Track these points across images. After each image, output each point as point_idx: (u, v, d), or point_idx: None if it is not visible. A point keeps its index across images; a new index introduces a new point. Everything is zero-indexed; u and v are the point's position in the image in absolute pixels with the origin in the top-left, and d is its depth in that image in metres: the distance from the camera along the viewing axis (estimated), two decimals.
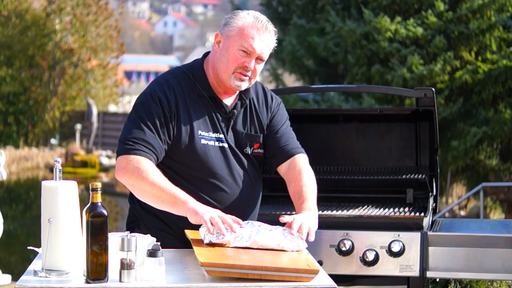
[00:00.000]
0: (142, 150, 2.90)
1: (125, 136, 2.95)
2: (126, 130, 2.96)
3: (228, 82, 3.02)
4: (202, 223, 2.76)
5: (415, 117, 4.17)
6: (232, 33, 2.99)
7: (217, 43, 3.04)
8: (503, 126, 11.97)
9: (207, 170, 3.01)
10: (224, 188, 3.04)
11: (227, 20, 3.03)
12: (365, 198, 4.14)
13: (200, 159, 3.00)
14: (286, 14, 15.21)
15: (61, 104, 26.73)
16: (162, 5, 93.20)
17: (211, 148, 3.02)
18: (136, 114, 2.99)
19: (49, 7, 26.82)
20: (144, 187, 2.88)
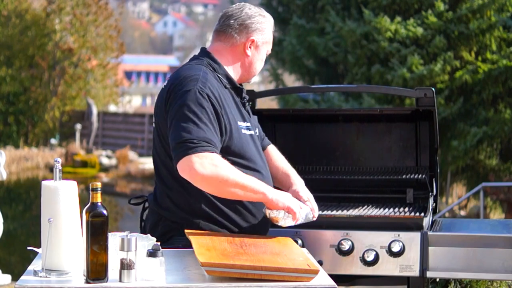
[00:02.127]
0: (207, 147, 2.86)
1: (185, 136, 2.87)
2: (184, 130, 2.88)
3: (249, 77, 3.23)
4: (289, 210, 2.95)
5: (415, 117, 4.17)
6: (266, 39, 3.18)
7: (250, 47, 3.15)
8: (503, 126, 11.97)
9: (249, 158, 3.07)
10: (263, 174, 3.11)
11: (260, 24, 3.16)
12: (365, 198, 4.14)
13: (244, 148, 3.06)
14: (286, 14, 15.20)
15: (61, 104, 26.74)
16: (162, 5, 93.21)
17: (247, 137, 3.10)
18: (190, 112, 2.91)
19: (49, 7, 26.83)
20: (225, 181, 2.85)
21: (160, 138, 3.07)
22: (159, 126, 3.07)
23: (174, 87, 3.00)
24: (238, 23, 3.13)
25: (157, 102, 3.11)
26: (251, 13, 3.15)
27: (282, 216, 2.97)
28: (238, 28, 3.13)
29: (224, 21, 3.16)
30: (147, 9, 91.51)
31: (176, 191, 3.05)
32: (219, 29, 3.17)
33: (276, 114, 4.44)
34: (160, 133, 3.07)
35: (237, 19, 3.13)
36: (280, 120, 4.39)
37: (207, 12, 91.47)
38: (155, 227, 3.13)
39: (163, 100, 3.04)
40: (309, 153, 4.32)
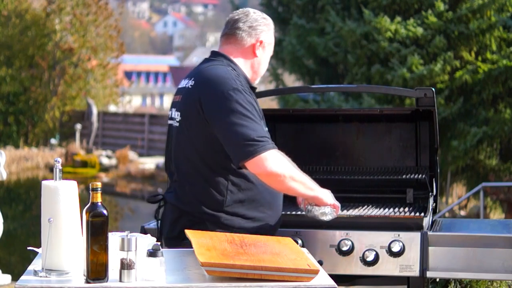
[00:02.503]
0: (270, 144, 3.06)
1: (249, 134, 3.02)
2: (246, 129, 3.02)
3: (257, 78, 3.39)
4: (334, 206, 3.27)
5: (415, 117, 4.17)
6: (271, 40, 3.36)
7: (258, 48, 3.31)
8: (503, 126, 11.97)
9: None
10: None
11: (267, 26, 3.34)
12: (365, 198, 4.13)
13: None
14: (286, 14, 15.20)
15: (61, 104, 26.75)
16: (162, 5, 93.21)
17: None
18: (243, 110, 3.05)
19: (49, 7, 26.83)
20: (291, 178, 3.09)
21: (188, 136, 3.16)
22: (189, 125, 3.15)
23: (213, 88, 3.11)
24: (247, 25, 3.29)
25: (186, 102, 3.19)
26: (256, 17, 3.32)
27: (328, 211, 3.27)
28: (247, 31, 3.29)
29: (233, 25, 3.31)
30: (147, 9, 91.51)
31: (200, 187, 3.15)
32: (229, 33, 3.32)
33: (276, 114, 4.43)
34: (189, 131, 3.15)
35: (245, 22, 3.29)
36: (280, 120, 4.39)
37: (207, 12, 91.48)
38: (175, 223, 3.22)
39: (196, 100, 3.13)
40: (309, 153, 4.32)
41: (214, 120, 3.08)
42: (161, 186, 20.09)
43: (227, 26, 3.33)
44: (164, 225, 3.32)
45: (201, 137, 3.14)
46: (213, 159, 3.14)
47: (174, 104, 3.31)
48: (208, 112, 3.09)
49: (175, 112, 3.26)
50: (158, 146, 25.23)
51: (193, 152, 3.16)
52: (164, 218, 3.34)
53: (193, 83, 3.20)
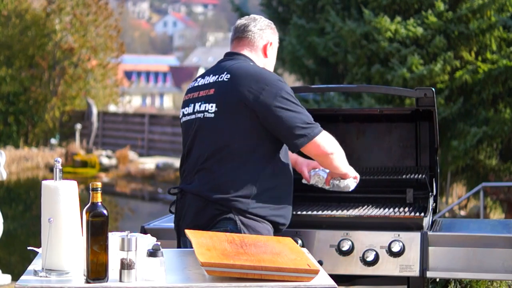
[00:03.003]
0: (319, 126, 3.36)
1: (306, 120, 3.29)
2: (303, 116, 3.29)
3: None
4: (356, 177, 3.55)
5: (415, 117, 4.17)
6: (277, 42, 3.60)
7: (270, 48, 3.52)
8: (503, 126, 11.97)
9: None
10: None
11: (274, 29, 3.56)
12: (365, 198, 4.13)
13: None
14: (286, 14, 15.20)
15: (61, 104, 26.75)
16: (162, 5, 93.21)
17: None
18: (293, 100, 3.30)
19: (49, 7, 26.83)
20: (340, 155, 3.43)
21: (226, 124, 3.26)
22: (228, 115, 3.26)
23: (259, 80, 3.26)
24: (257, 28, 3.49)
25: (224, 93, 3.29)
26: (263, 21, 3.54)
27: (352, 183, 3.56)
28: (258, 33, 3.48)
29: (244, 29, 3.48)
30: (147, 9, 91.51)
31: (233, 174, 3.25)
32: (241, 36, 3.48)
33: None
34: (227, 120, 3.26)
35: (255, 25, 3.49)
36: None
37: (207, 12, 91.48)
38: (201, 213, 3.26)
39: (239, 92, 3.25)
40: None
41: (267, 109, 3.23)
42: (161, 186, 20.08)
43: (237, 31, 3.48)
44: (186, 216, 3.33)
45: (242, 125, 3.26)
46: (250, 147, 3.26)
47: (204, 98, 3.37)
48: (258, 103, 3.23)
49: (206, 104, 3.33)
50: (158, 146, 25.24)
51: (230, 140, 3.26)
52: (183, 209, 3.35)
53: (228, 76, 3.30)
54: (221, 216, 3.22)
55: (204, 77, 3.45)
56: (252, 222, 3.24)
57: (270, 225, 3.31)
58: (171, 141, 24.83)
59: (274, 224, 3.32)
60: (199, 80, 3.47)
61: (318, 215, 3.75)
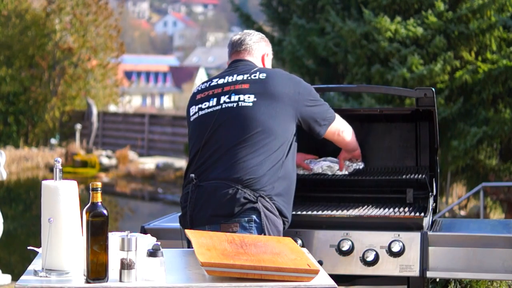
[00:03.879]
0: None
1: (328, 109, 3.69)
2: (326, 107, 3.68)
3: None
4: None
5: (415, 117, 4.17)
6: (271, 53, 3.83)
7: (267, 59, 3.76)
8: (503, 126, 11.96)
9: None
10: None
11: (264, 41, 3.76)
12: (365, 198, 4.13)
13: None
14: (286, 14, 15.20)
15: (61, 104, 26.74)
16: (162, 5, 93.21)
17: None
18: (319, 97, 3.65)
19: (49, 7, 26.82)
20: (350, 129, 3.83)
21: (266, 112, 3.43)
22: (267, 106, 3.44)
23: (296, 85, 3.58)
24: (253, 41, 3.71)
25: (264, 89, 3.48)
26: (256, 34, 3.76)
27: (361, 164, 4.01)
28: (254, 45, 3.70)
29: (241, 42, 3.69)
30: (147, 9, 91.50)
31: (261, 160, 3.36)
32: (239, 49, 3.69)
33: None
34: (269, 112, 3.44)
35: (251, 38, 3.71)
36: None
37: (207, 12, 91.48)
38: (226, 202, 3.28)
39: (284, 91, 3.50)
40: (308, 153, 4.31)
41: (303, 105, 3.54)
42: (161, 186, 20.09)
43: (235, 45, 3.69)
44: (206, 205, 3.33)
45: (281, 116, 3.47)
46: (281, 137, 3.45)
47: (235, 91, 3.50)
48: (296, 100, 3.52)
49: (241, 95, 3.47)
50: (158, 146, 25.23)
51: (266, 123, 3.42)
52: (201, 199, 3.34)
53: (265, 75, 3.52)
54: (248, 205, 3.27)
55: (224, 77, 3.59)
56: (272, 216, 3.32)
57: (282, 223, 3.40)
58: (171, 141, 24.83)
59: (284, 223, 3.42)
60: (217, 80, 3.59)
61: (318, 215, 3.75)
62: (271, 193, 3.34)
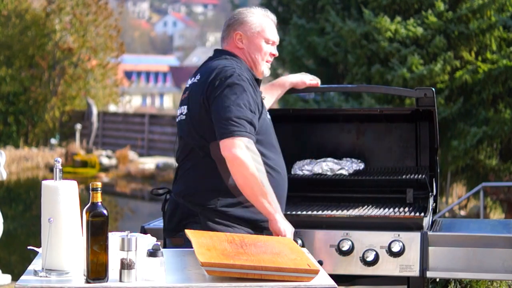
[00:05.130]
0: (248, 131, 3.14)
1: (230, 116, 3.13)
2: (230, 110, 3.13)
3: (260, 69, 3.46)
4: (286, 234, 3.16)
5: (415, 117, 4.17)
6: (258, 29, 3.45)
7: (239, 40, 3.43)
8: (503, 126, 11.96)
9: (270, 142, 3.38)
10: (280, 158, 3.41)
11: (242, 19, 3.44)
12: (365, 198, 4.13)
13: (267, 133, 3.35)
14: (286, 14, 15.20)
15: (61, 104, 26.74)
16: (162, 5, 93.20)
17: (269, 122, 3.43)
18: (236, 94, 3.18)
19: (49, 7, 26.82)
20: (254, 172, 3.08)
21: (193, 126, 3.27)
22: (193, 116, 3.27)
23: (215, 76, 3.24)
24: (226, 25, 3.49)
25: (193, 95, 3.30)
26: (237, 12, 3.50)
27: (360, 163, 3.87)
28: (227, 29, 3.48)
29: (223, 27, 3.53)
30: (147, 9, 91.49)
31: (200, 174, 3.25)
32: (222, 34, 3.53)
33: (276, 114, 4.43)
34: (193, 121, 3.25)
35: (226, 22, 3.51)
36: (280, 120, 4.39)
37: (207, 12, 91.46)
38: (172, 215, 3.31)
39: (201, 91, 3.25)
40: (308, 153, 4.32)
41: (212, 102, 3.20)
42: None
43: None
44: (165, 217, 3.42)
45: (205, 126, 3.23)
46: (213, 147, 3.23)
47: (181, 102, 3.41)
48: (208, 97, 3.22)
49: (182, 107, 3.36)
50: (158, 146, 25.22)
51: (196, 141, 3.26)
52: (166, 211, 3.43)
53: (199, 77, 3.34)
54: (190, 219, 3.23)
55: (191, 78, 3.48)
56: (223, 227, 3.18)
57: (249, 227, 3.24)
58: (171, 141, 24.83)
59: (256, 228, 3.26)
60: (188, 81, 3.51)
61: (318, 215, 3.75)
62: (217, 205, 3.20)
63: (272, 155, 3.32)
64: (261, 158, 3.18)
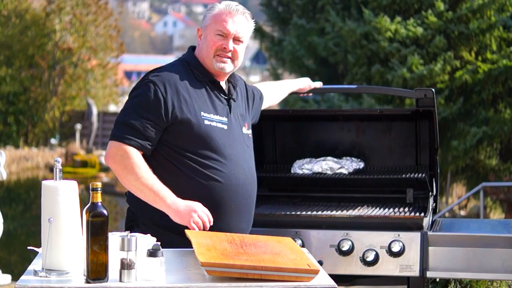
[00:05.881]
0: (132, 139, 3.06)
1: (119, 120, 3.13)
2: (121, 114, 3.13)
3: (212, 66, 3.24)
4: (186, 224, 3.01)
5: (415, 117, 4.17)
6: (208, 22, 3.26)
7: (199, 36, 3.30)
8: (503, 126, 11.96)
9: (213, 150, 3.15)
10: (230, 167, 3.16)
11: (204, 14, 3.31)
12: (365, 198, 4.13)
13: (204, 140, 3.14)
14: (286, 14, 15.19)
15: (61, 104, 26.73)
16: (162, 5, 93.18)
17: (215, 129, 3.16)
18: (132, 98, 3.14)
19: (49, 7, 26.82)
20: (130, 180, 3.06)
21: None
22: None
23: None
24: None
25: None
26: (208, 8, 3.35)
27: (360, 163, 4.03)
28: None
29: None
30: (147, 9, 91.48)
31: None
32: None
33: (276, 114, 4.44)
34: None
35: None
36: (280, 120, 4.39)
37: None
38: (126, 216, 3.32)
39: None
40: (308, 153, 4.32)
41: None
42: None
43: None
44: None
45: None
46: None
47: None
48: None
49: None
50: None
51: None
52: None
53: None
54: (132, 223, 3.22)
55: None
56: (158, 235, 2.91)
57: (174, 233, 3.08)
58: None
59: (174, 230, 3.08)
60: None
61: (318, 215, 3.75)
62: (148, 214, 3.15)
63: (210, 163, 3.13)
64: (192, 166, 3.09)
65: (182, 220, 3.01)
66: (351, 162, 4.09)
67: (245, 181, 3.21)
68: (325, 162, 4.13)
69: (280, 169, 4.31)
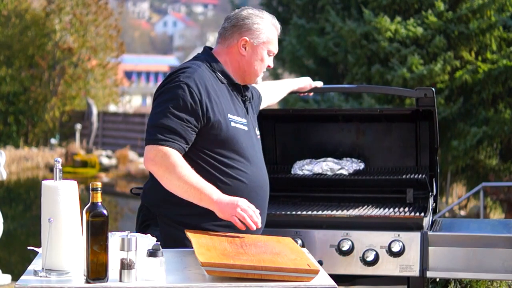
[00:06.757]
0: (171, 140, 3.01)
1: (155, 123, 3.03)
2: (157, 118, 3.04)
3: (251, 80, 3.32)
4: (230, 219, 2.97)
5: (415, 117, 4.17)
6: (263, 39, 3.29)
7: (243, 46, 3.25)
8: (503, 126, 11.96)
9: (238, 152, 3.15)
10: (251, 168, 3.19)
11: (251, 25, 3.26)
12: (365, 198, 4.13)
13: (230, 142, 3.14)
14: (286, 14, 15.21)
15: (61, 104, 26.74)
16: (162, 5, 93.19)
17: (239, 131, 3.18)
18: (166, 101, 3.05)
19: (49, 7, 26.82)
20: (172, 181, 2.99)
21: None
22: None
23: (164, 79, 3.17)
24: (231, 24, 3.27)
25: None
26: (246, 14, 3.29)
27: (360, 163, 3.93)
28: (231, 30, 3.27)
29: (223, 24, 3.32)
30: (147, 9, 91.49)
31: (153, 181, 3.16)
32: (219, 32, 3.33)
33: (276, 114, 4.44)
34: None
35: (231, 21, 3.28)
36: (280, 120, 4.39)
37: (207, 12, 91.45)
38: (138, 215, 3.27)
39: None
40: (309, 153, 4.32)
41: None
42: None
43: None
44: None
45: None
46: None
47: None
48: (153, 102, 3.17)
49: None
50: None
51: None
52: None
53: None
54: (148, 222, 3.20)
55: None
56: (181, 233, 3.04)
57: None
58: None
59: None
60: None
61: (318, 215, 3.75)
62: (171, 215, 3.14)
63: (235, 164, 3.13)
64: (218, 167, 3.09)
65: (225, 215, 2.98)
66: (351, 163, 4.09)
67: (264, 182, 3.25)
68: (325, 163, 4.13)
69: (281, 170, 4.31)
